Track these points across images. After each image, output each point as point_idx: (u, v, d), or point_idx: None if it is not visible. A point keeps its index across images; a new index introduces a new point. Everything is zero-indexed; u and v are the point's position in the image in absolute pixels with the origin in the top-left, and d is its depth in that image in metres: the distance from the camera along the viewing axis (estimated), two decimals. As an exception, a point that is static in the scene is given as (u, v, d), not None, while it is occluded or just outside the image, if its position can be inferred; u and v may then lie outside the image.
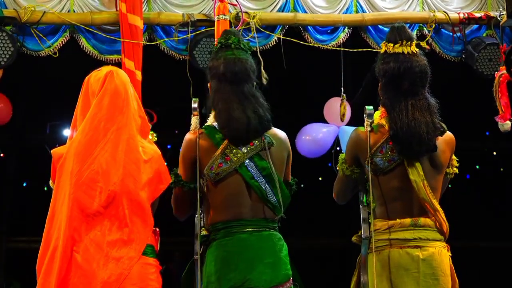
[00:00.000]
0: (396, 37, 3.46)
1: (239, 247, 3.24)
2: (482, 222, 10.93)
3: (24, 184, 11.09)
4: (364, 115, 3.40)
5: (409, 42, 3.45)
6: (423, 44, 6.03)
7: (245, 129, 3.26)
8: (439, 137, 3.39)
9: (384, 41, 3.51)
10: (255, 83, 3.41)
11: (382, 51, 3.51)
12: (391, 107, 3.37)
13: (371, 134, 3.38)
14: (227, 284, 3.19)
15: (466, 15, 6.20)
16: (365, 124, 3.40)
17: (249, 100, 3.31)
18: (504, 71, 5.97)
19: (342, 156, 3.52)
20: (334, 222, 11.38)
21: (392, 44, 3.46)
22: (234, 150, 3.28)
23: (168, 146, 9.67)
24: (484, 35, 6.28)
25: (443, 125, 3.42)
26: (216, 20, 5.67)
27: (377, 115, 3.45)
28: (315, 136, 6.97)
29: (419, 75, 3.41)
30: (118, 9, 5.77)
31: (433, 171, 3.39)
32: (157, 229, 3.33)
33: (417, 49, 3.48)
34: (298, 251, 3.54)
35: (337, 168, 3.53)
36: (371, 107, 3.41)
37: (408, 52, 3.44)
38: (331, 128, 6.97)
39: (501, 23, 6.15)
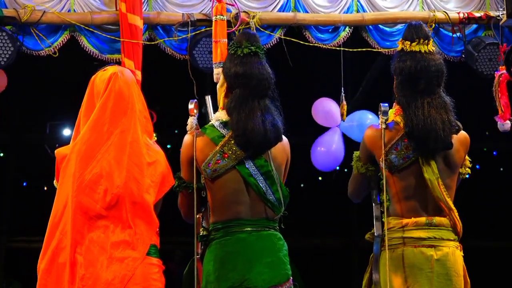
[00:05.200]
0: (413, 35, 3.45)
1: (238, 247, 3.23)
2: (482, 222, 10.94)
3: (24, 184, 11.09)
4: (379, 113, 3.40)
5: (426, 41, 3.45)
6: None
7: (261, 140, 3.26)
8: (454, 136, 3.39)
9: (401, 39, 3.50)
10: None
11: (399, 49, 3.50)
12: (407, 105, 3.37)
13: (385, 132, 3.38)
14: (226, 284, 3.18)
15: (466, 15, 6.20)
16: (379, 121, 3.39)
17: (270, 111, 3.31)
18: (504, 71, 5.98)
19: (356, 153, 3.52)
20: (333, 222, 11.39)
21: (409, 42, 3.45)
22: (234, 148, 3.27)
23: (168, 146, 9.67)
24: (483, 34, 6.28)
25: (459, 123, 3.42)
26: (214, 20, 5.66)
27: (391, 112, 3.44)
28: (328, 148, 6.89)
29: (435, 74, 3.41)
30: (118, 8, 5.77)
31: (448, 170, 3.39)
32: (157, 229, 3.32)
33: (433, 48, 3.47)
34: (297, 251, 3.53)
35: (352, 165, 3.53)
36: (386, 104, 3.41)
37: (425, 51, 3.43)
38: (335, 132, 6.90)
39: (500, 23, 6.15)
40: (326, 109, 6.74)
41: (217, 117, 3.39)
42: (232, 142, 3.28)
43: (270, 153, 3.31)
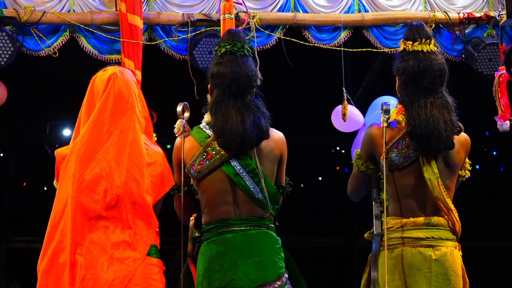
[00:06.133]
0: (415, 35, 3.46)
1: (224, 247, 3.23)
2: (482, 222, 10.94)
3: (24, 184, 11.09)
4: (381, 111, 3.40)
5: (428, 41, 3.45)
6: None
7: (240, 141, 3.23)
8: (455, 137, 3.39)
9: (403, 39, 3.50)
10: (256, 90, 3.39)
11: (400, 49, 3.50)
12: (410, 104, 3.38)
13: (387, 130, 3.38)
14: (213, 285, 3.18)
15: (466, 15, 6.20)
16: (381, 120, 3.39)
17: (250, 110, 3.28)
18: (504, 71, 5.98)
19: (357, 152, 3.52)
20: (333, 222, 11.40)
21: (411, 42, 3.45)
22: (217, 148, 3.26)
23: (168, 146, 9.68)
24: (485, 35, 6.28)
25: (460, 124, 3.43)
26: (221, 19, 5.66)
27: (393, 112, 3.45)
28: None
29: (438, 73, 3.41)
30: (118, 8, 5.77)
31: (447, 171, 3.40)
32: (157, 229, 3.32)
33: (435, 48, 3.47)
34: (297, 251, 3.52)
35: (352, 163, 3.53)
36: (389, 103, 3.41)
37: (427, 50, 3.43)
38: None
39: (500, 23, 6.15)
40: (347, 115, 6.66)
41: (205, 118, 3.39)
42: (216, 142, 3.27)
43: (255, 150, 3.28)
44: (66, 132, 9.50)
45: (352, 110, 6.56)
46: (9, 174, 10.32)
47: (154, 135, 3.89)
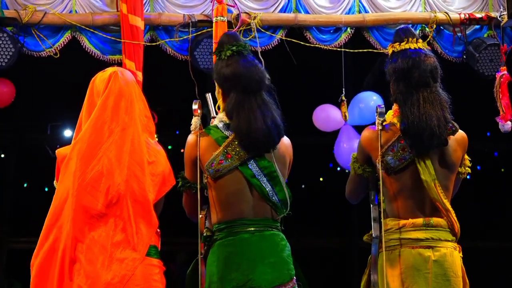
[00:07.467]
0: (401, 36, 3.47)
1: (241, 247, 3.24)
2: (483, 222, 10.94)
3: (25, 185, 11.09)
4: (376, 114, 3.41)
5: (415, 39, 3.47)
6: (424, 44, 6.04)
7: (265, 140, 3.27)
8: (451, 136, 3.39)
9: (390, 44, 3.52)
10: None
11: (390, 52, 3.51)
12: (403, 102, 3.37)
13: (382, 133, 3.38)
14: (229, 284, 3.19)
15: (467, 15, 6.21)
16: (376, 123, 3.40)
17: (268, 107, 3.32)
18: (505, 72, 5.98)
19: (354, 155, 3.52)
20: (334, 222, 11.40)
21: (398, 43, 3.47)
22: (237, 149, 3.28)
23: (169, 147, 9.68)
24: (485, 35, 6.29)
25: (455, 124, 3.42)
26: (214, 21, 5.67)
27: (389, 114, 3.45)
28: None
29: (428, 68, 3.40)
30: (119, 9, 5.77)
31: (445, 171, 3.39)
32: (158, 230, 3.33)
33: (424, 47, 3.48)
34: (297, 251, 3.53)
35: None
36: (383, 106, 3.42)
37: (415, 48, 3.44)
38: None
39: (501, 24, 6.16)
40: (327, 114, 6.71)
41: (220, 118, 3.40)
42: (236, 143, 3.28)
43: (273, 153, 3.32)
44: (67, 133, 9.50)
45: (332, 111, 6.59)
46: (9, 174, 10.31)
47: (156, 135, 3.90)
